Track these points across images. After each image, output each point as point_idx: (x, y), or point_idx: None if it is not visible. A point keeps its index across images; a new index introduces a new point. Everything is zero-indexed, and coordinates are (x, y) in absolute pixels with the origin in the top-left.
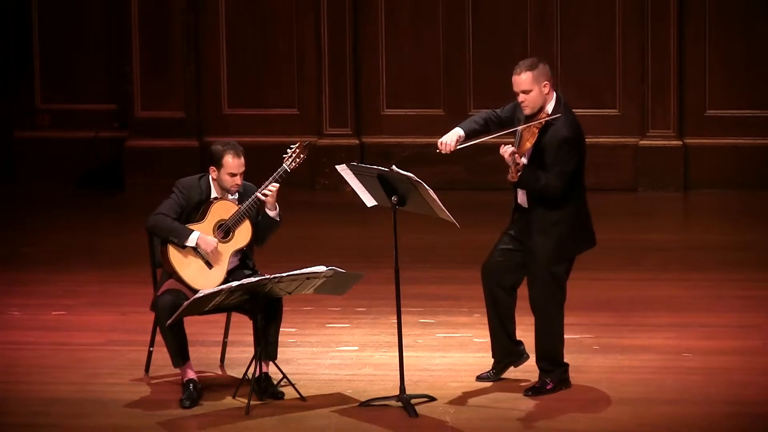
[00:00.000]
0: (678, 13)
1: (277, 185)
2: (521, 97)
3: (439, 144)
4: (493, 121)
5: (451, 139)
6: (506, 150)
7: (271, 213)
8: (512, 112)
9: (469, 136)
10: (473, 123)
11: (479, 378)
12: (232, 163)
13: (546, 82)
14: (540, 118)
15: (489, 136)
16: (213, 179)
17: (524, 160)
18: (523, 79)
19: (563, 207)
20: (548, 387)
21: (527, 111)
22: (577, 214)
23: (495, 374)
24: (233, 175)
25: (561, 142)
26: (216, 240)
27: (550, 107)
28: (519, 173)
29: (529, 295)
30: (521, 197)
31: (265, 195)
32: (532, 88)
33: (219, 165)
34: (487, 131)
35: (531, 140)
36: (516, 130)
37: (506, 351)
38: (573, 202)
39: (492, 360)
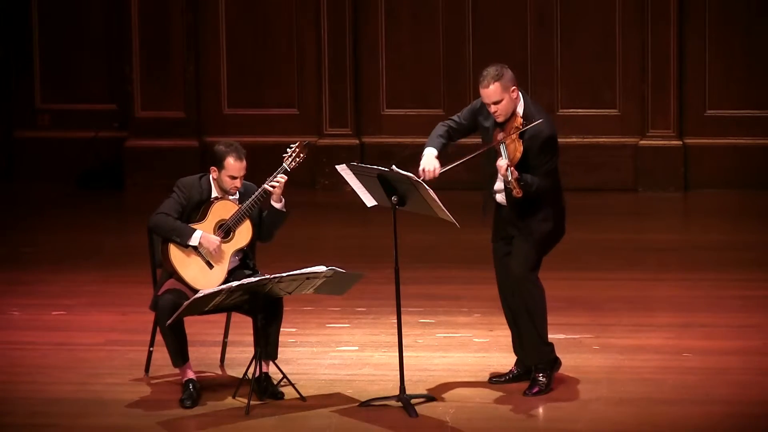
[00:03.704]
0: (678, 13)
1: (285, 177)
2: (493, 108)
3: (421, 172)
4: (455, 129)
5: (432, 164)
6: (501, 166)
7: (277, 205)
8: (473, 117)
9: (440, 152)
10: (439, 139)
11: (492, 379)
12: (234, 165)
13: (513, 88)
14: (515, 123)
15: (469, 156)
16: (213, 179)
17: (516, 173)
18: (492, 91)
19: (547, 203)
20: (542, 379)
21: (500, 119)
22: (558, 208)
23: (514, 376)
24: (233, 177)
25: (543, 143)
26: (218, 239)
27: (520, 109)
28: (521, 186)
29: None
30: (501, 197)
31: (273, 187)
32: (502, 97)
33: (220, 166)
34: (450, 142)
35: (520, 149)
36: (493, 146)
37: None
38: (553, 195)
39: (513, 360)
